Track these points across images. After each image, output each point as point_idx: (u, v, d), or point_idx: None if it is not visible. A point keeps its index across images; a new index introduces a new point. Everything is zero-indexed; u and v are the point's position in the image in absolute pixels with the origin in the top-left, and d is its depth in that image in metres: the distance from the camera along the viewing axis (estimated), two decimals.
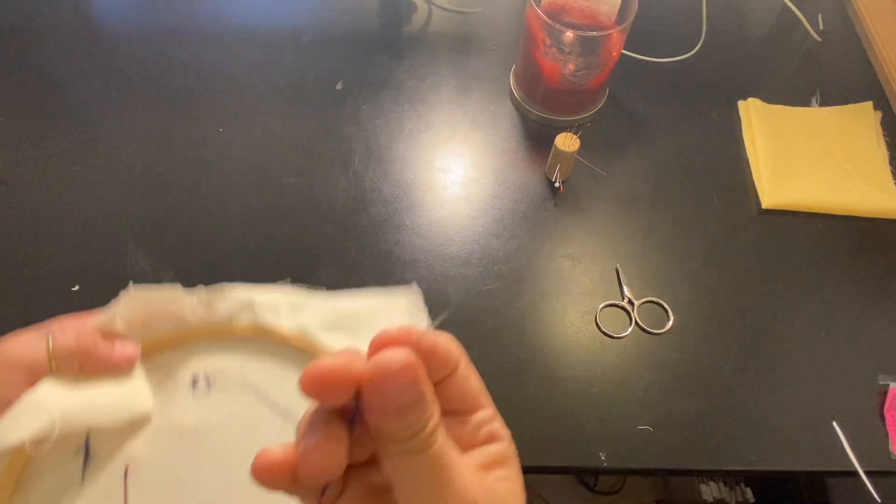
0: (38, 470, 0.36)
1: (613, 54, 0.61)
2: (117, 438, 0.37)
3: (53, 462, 0.36)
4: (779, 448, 0.49)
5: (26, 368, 0.32)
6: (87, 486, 0.36)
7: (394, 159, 0.63)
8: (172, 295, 0.38)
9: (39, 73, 0.68)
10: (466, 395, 0.24)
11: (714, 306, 0.56)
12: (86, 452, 0.37)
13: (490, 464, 0.23)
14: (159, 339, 0.39)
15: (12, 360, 0.32)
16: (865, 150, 0.66)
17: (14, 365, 0.32)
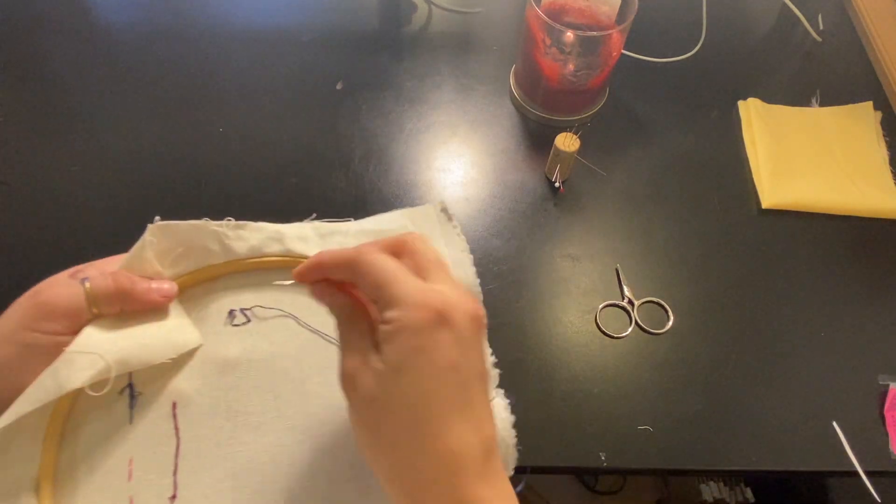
0: (85, 414, 0.36)
1: (613, 54, 0.61)
2: (161, 376, 0.38)
3: (99, 405, 0.36)
4: (779, 448, 0.49)
5: (67, 315, 0.33)
6: (137, 424, 0.36)
7: (394, 159, 0.63)
8: (200, 226, 0.39)
9: (39, 73, 0.68)
10: (368, 290, 0.31)
11: (714, 306, 0.56)
12: (130, 392, 0.37)
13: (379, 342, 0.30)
14: (191, 274, 0.39)
15: (53, 308, 0.32)
16: (865, 150, 0.66)
17: (55, 313, 0.32)
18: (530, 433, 0.48)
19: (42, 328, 0.32)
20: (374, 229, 0.44)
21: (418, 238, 0.33)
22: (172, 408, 0.37)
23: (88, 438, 0.36)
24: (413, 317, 0.29)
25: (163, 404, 0.37)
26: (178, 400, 0.37)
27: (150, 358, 0.36)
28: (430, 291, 0.30)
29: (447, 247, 0.45)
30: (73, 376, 0.31)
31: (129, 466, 0.35)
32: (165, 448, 0.36)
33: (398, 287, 0.30)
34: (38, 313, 0.32)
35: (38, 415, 0.32)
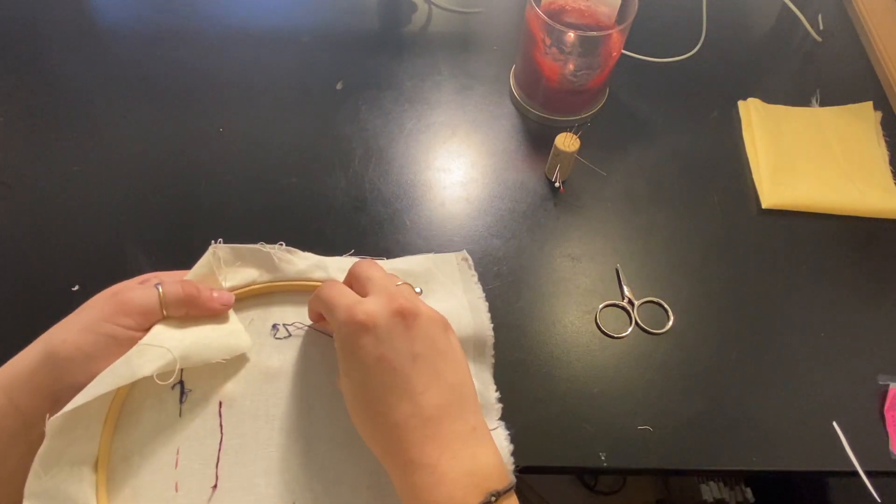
0: (140, 403, 0.40)
1: (613, 54, 0.61)
2: (210, 377, 0.42)
3: (153, 397, 0.41)
4: (779, 448, 0.49)
5: (141, 313, 0.38)
6: (185, 418, 0.41)
7: (394, 159, 0.63)
8: (255, 249, 0.45)
9: (39, 73, 0.68)
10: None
11: (714, 306, 0.56)
12: (181, 389, 0.42)
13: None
14: (244, 288, 0.45)
15: (132, 307, 0.38)
16: (865, 150, 0.66)
17: (133, 310, 0.38)
18: (530, 433, 0.48)
19: (120, 322, 0.37)
20: (404, 269, 0.50)
21: (361, 263, 0.42)
22: (219, 406, 0.42)
23: (142, 426, 0.40)
24: (342, 332, 0.38)
25: (210, 403, 0.42)
26: (223, 400, 0.42)
27: (209, 356, 0.40)
28: (354, 309, 0.37)
29: (465, 293, 0.50)
30: (144, 365, 0.36)
31: (177, 455, 0.40)
32: (210, 442, 0.41)
33: (335, 311, 0.38)
34: (118, 309, 0.37)
35: (101, 399, 0.36)
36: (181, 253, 0.56)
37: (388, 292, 0.39)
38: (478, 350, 0.48)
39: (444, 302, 0.48)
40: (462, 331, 0.47)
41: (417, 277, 0.50)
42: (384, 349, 0.37)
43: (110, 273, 0.54)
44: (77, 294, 0.53)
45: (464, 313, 0.48)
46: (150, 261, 0.55)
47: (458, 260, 0.52)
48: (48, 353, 0.36)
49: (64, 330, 0.38)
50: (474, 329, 0.48)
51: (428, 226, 0.59)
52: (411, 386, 0.36)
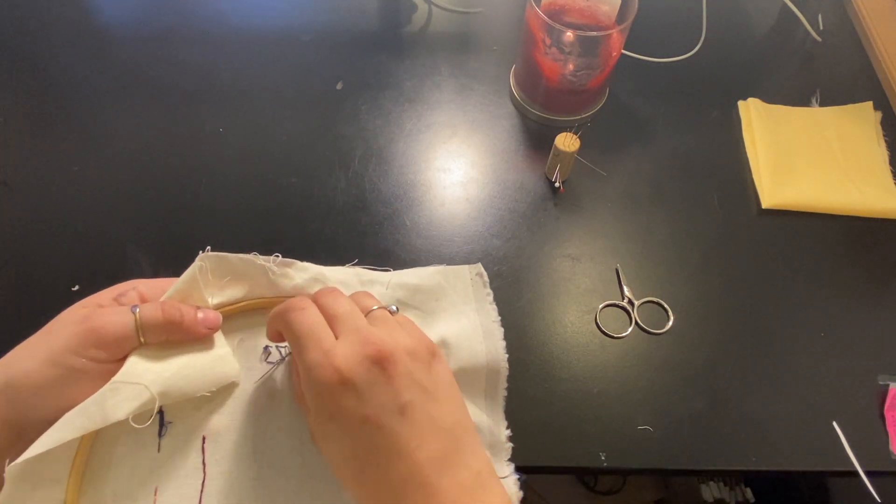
0: (112, 439, 0.36)
1: (613, 54, 0.61)
2: (193, 408, 0.38)
3: (128, 430, 0.35)
4: (779, 448, 0.49)
5: (115, 343, 0.33)
6: (164, 454, 0.36)
7: (394, 159, 0.63)
8: (248, 260, 0.40)
9: (40, 73, 0.68)
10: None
11: (714, 306, 0.56)
12: (161, 420, 0.37)
13: None
14: (234, 305, 0.40)
15: (103, 336, 0.33)
16: (865, 150, 0.66)
17: (105, 340, 0.33)
18: (530, 433, 0.48)
19: (90, 355, 0.33)
20: (411, 283, 0.45)
21: (324, 294, 0.36)
22: (202, 442, 0.37)
23: (115, 464, 0.36)
24: (315, 389, 0.33)
25: (192, 437, 0.37)
26: (207, 434, 0.38)
27: (192, 390, 0.36)
28: (325, 362, 0.32)
29: (478, 314, 0.46)
30: (119, 406, 0.32)
31: (154, 496, 0.35)
32: (192, 481, 0.36)
33: (303, 356, 0.33)
34: (88, 340, 0.33)
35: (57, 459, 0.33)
36: (181, 253, 0.56)
37: (360, 334, 0.34)
38: (490, 382, 0.44)
39: (453, 322, 0.44)
40: (474, 359, 0.43)
41: (427, 294, 0.45)
42: (367, 408, 0.32)
43: (110, 273, 0.54)
44: (77, 294, 0.53)
45: (476, 339, 0.43)
46: (150, 261, 0.55)
47: (472, 275, 0.47)
48: (7, 383, 0.32)
49: (25, 358, 0.33)
50: (487, 358, 0.43)
51: (428, 226, 0.59)
52: (403, 442, 0.32)
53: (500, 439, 0.42)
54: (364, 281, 0.45)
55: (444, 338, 0.43)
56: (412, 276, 0.46)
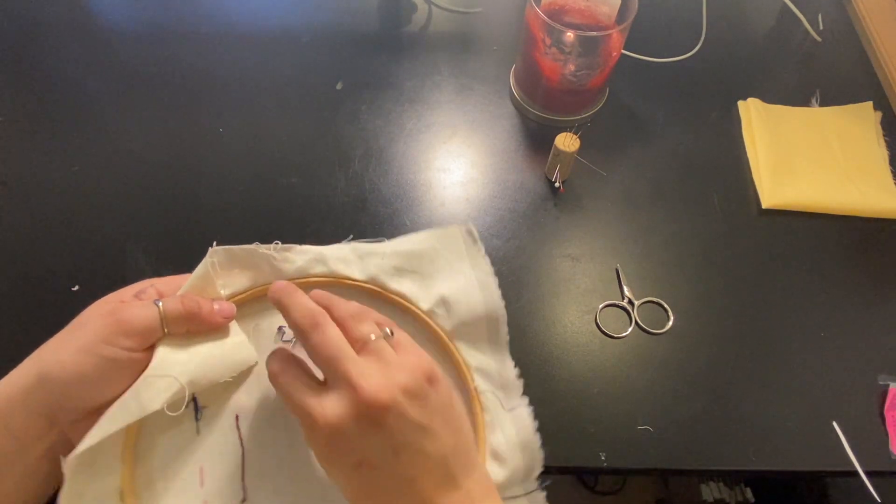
0: (156, 428, 0.39)
1: (613, 54, 0.61)
2: (223, 391, 0.41)
3: (168, 420, 0.38)
4: (779, 448, 0.49)
5: (141, 333, 0.36)
6: (204, 436, 0.40)
7: (393, 159, 0.63)
8: (251, 250, 0.43)
9: (39, 73, 0.68)
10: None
11: (714, 306, 0.56)
12: (195, 406, 0.40)
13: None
14: (245, 293, 0.43)
15: (131, 327, 0.35)
16: (865, 150, 0.66)
17: (132, 331, 0.35)
18: None
19: (119, 343, 0.35)
20: (407, 250, 0.47)
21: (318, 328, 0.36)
22: (235, 420, 0.40)
23: (161, 450, 0.39)
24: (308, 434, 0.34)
25: (226, 417, 0.40)
26: (239, 413, 0.41)
27: (216, 376, 0.39)
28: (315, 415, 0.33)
29: (473, 269, 0.48)
30: (154, 398, 0.35)
31: (200, 475, 0.39)
32: (232, 457, 0.39)
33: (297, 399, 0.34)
34: (118, 330, 0.35)
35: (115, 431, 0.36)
36: (181, 253, 0.56)
37: (352, 386, 0.33)
38: (491, 330, 0.46)
39: (451, 280, 0.46)
40: (474, 311, 0.45)
41: (423, 258, 0.47)
42: (361, 455, 0.33)
43: (110, 273, 0.54)
44: (77, 294, 0.53)
45: (473, 292, 0.46)
46: (150, 261, 0.55)
47: (463, 233, 0.49)
48: (42, 374, 0.34)
49: (59, 350, 0.35)
50: (486, 308, 0.45)
51: (428, 226, 0.59)
52: (400, 480, 0.34)
53: (510, 378, 0.45)
54: (361, 255, 0.47)
55: (444, 296, 0.45)
56: (407, 242, 0.48)
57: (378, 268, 0.46)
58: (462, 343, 0.45)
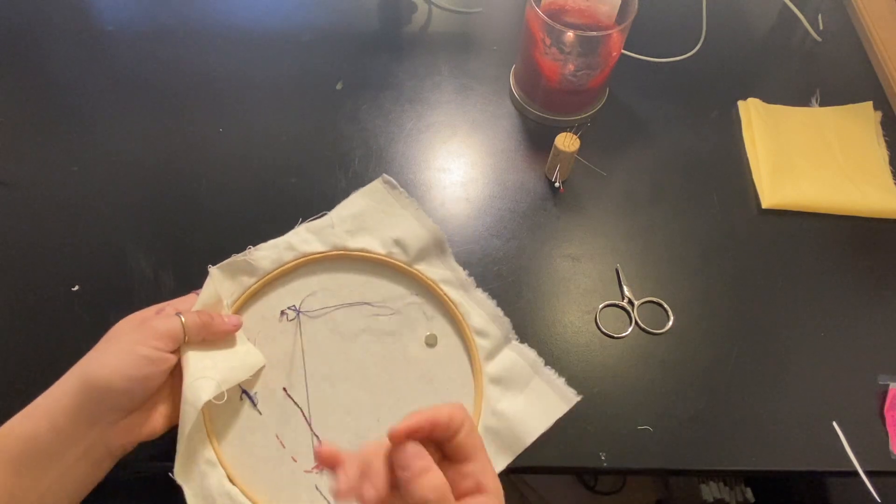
0: (224, 419, 0.47)
1: (613, 54, 0.61)
2: (263, 376, 0.49)
3: (231, 415, 0.47)
4: (779, 448, 0.49)
5: (168, 338, 0.43)
6: (266, 413, 0.48)
7: (393, 159, 0.63)
8: (234, 261, 0.50)
9: (39, 73, 0.68)
10: (465, 448, 0.33)
11: (714, 306, 0.56)
12: (248, 396, 0.48)
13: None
14: (242, 296, 0.51)
15: (159, 332, 0.42)
16: (865, 150, 0.66)
17: (161, 336, 0.42)
18: None
19: (152, 344, 0.41)
20: (349, 213, 0.56)
21: (469, 433, 0.35)
22: (284, 392, 0.49)
23: (238, 436, 0.47)
24: None
25: (276, 392, 0.49)
26: (285, 385, 0.49)
27: (237, 377, 0.46)
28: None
29: (404, 209, 0.56)
30: (200, 396, 0.42)
31: (279, 440, 0.47)
32: (296, 418, 0.48)
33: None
34: (149, 334, 0.42)
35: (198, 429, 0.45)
36: (181, 252, 0.56)
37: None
38: (438, 247, 0.54)
39: (393, 225, 0.55)
40: (420, 239, 0.54)
41: (365, 216, 0.55)
42: None
43: (110, 273, 0.54)
44: (77, 294, 0.53)
45: (413, 226, 0.54)
46: (150, 261, 0.55)
47: (383, 185, 0.57)
48: (87, 378, 0.40)
49: (100, 357, 0.41)
50: (428, 233, 0.54)
51: None
52: None
53: (463, 278, 0.54)
54: (315, 231, 0.55)
55: (394, 238, 0.54)
56: (345, 208, 0.56)
57: (334, 236, 0.54)
58: (422, 265, 0.54)
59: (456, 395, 0.49)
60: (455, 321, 0.52)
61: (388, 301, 0.53)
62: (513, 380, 0.50)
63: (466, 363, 0.51)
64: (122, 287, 0.54)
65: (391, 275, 0.54)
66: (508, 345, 0.52)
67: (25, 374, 0.49)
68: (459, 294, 0.53)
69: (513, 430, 0.47)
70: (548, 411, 0.49)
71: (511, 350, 0.51)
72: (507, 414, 0.48)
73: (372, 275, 0.54)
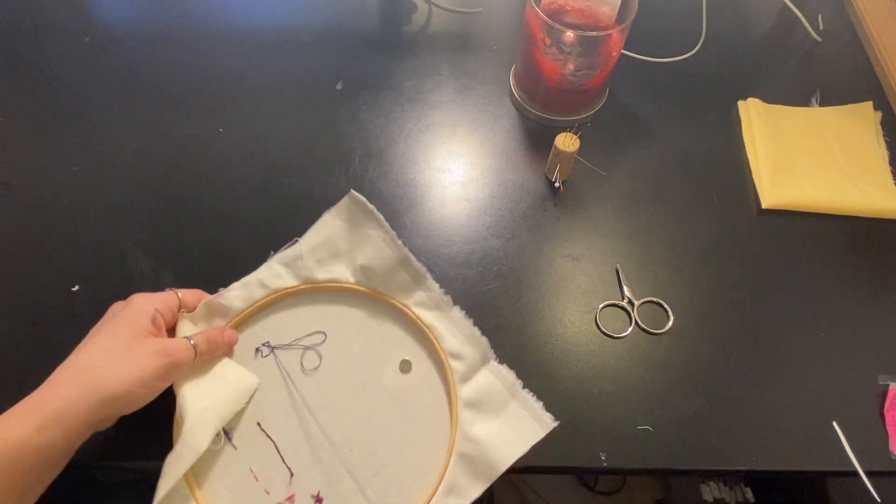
0: (202, 462, 0.46)
1: (613, 54, 0.61)
2: (239, 413, 0.49)
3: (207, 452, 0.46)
4: (779, 448, 0.49)
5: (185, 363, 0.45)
6: (241, 448, 0.48)
7: (393, 159, 0.63)
8: (210, 303, 0.50)
9: (39, 73, 0.68)
10: None
11: (714, 306, 0.56)
12: (224, 433, 0.48)
13: None
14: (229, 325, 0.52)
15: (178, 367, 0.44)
16: (865, 150, 0.66)
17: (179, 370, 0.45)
18: None
19: (169, 379, 0.44)
20: (320, 241, 0.54)
21: None
22: (258, 426, 0.49)
23: (214, 472, 0.47)
24: None
25: (251, 427, 0.49)
26: (259, 420, 0.49)
27: (235, 407, 0.48)
28: None
29: (375, 229, 0.54)
30: (201, 442, 0.44)
31: (253, 474, 0.47)
32: (270, 450, 0.48)
33: None
34: (172, 370, 0.43)
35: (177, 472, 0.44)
36: (181, 252, 0.56)
37: None
38: (408, 270, 0.53)
39: (363, 249, 0.54)
40: (387, 264, 0.53)
41: (334, 241, 0.54)
42: None
43: (110, 273, 0.54)
44: (77, 294, 0.53)
45: (381, 248, 0.53)
46: (150, 260, 0.55)
47: (351, 203, 0.55)
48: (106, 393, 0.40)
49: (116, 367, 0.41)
50: (395, 256, 0.53)
51: (428, 226, 0.59)
52: None
53: (438, 296, 0.53)
54: (287, 263, 0.54)
55: (362, 265, 0.53)
56: (315, 234, 0.55)
57: (304, 269, 0.53)
58: (393, 289, 0.53)
59: (430, 421, 0.48)
60: (429, 345, 0.51)
61: (361, 329, 0.52)
62: (488, 403, 0.49)
63: (441, 388, 0.50)
64: (122, 287, 0.54)
65: (363, 302, 0.53)
66: (486, 365, 0.50)
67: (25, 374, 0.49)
68: (433, 315, 0.52)
69: (486, 457, 0.46)
70: (524, 436, 0.47)
71: (488, 371, 0.50)
72: (481, 440, 0.46)
73: (343, 304, 0.53)
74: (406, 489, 0.46)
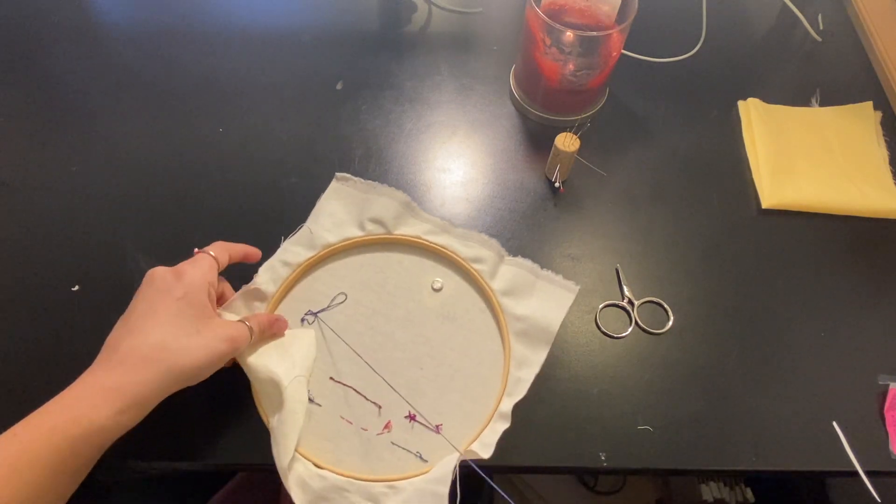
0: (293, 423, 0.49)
1: (613, 54, 0.61)
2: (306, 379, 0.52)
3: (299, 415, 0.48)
4: (779, 448, 0.49)
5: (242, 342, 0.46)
6: (324, 406, 0.51)
7: (393, 159, 0.63)
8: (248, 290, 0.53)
9: (39, 73, 0.68)
10: None
11: (714, 306, 0.56)
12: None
13: None
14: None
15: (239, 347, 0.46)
16: (865, 150, 0.66)
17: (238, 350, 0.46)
18: (530, 433, 0.48)
19: (228, 344, 0.45)
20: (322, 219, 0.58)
21: None
22: (332, 380, 0.52)
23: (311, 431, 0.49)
24: None
25: (325, 384, 0.52)
26: (331, 375, 0.52)
27: (310, 359, 0.51)
28: None
29: (366, 193, 0.59)
30: (302, 395, 0.48)
31: (344, 420, 0.50)
32: (350, 396, 0.51)
33: None
34: (233, 351, 0.45)
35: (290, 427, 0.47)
36: (181, 252, 0.56)
37: None
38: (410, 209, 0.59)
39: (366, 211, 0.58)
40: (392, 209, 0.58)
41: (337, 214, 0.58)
42: None
43: (110, 273, 0.54)
44: (77, 294, 0.53)
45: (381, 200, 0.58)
46: (150, 260, 0.55)
47: (339, 183, 0.60)
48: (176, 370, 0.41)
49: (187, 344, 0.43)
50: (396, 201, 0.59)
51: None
52: None
53: (440, 223, 0.58)
54: (298, 241, 0.57)
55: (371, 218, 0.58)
56: (318, 214, 0.59)
57: (316, 239, 0.57)
58: (402, 229, 0.58)
59: (479, 319, 0.54)
60: (450, 261, 0.56)
61: (387, 271, 0.56)
62: (519, 288, 0.55)
63: (475, 290, 0.55)
64: (122, 287, 0.54)
65: (380, 249, 0.58)
66: (503, 261, 0.56)
67: (25, 374, 0.49)
68: (444, 238, 0.57)
69: (537, 326, 0.52)
70: (560, 302, 0.54)
71: (508, 265, 0.56)
72: (527, 315, 0.53)
73: (366, 253, 0.57)
74: (483, 379, 0.51)
